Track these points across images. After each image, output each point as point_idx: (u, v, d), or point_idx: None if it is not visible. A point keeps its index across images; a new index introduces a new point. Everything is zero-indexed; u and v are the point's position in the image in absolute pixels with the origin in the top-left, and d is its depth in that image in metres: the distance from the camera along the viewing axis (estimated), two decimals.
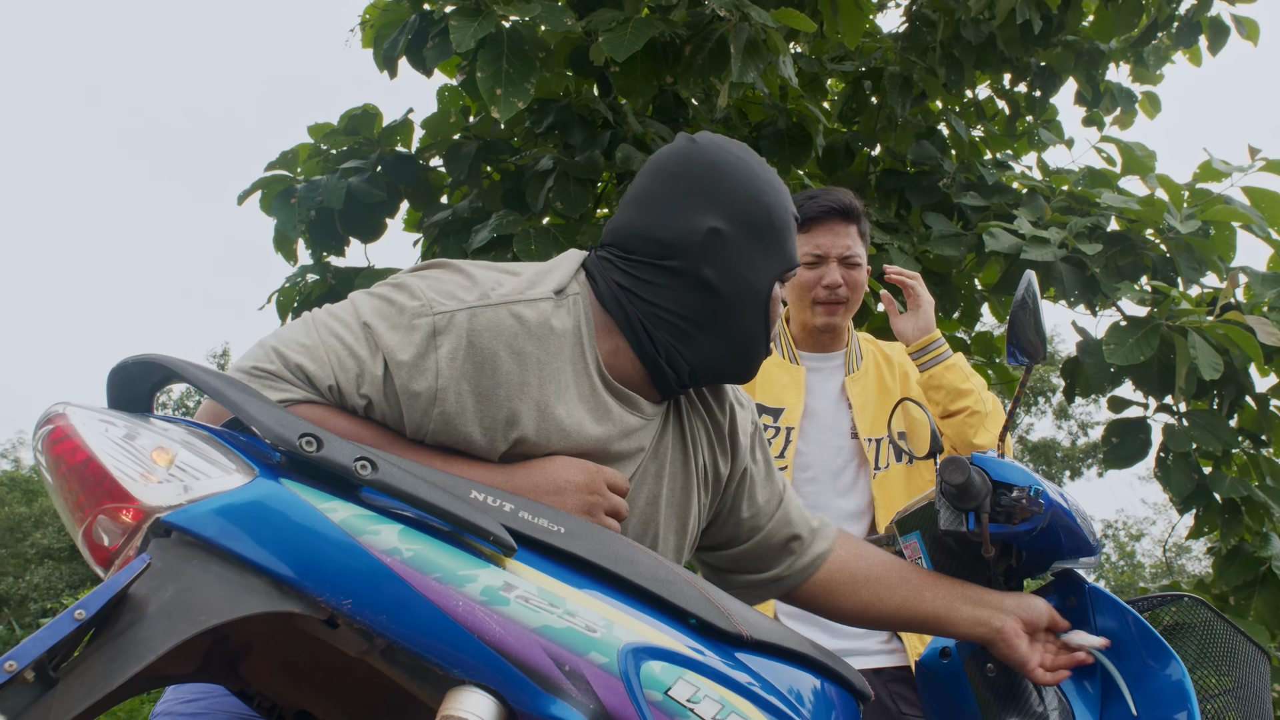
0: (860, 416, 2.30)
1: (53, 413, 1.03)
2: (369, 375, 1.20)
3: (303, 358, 1.20)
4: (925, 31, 5.02)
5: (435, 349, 1.20)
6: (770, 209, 1.37)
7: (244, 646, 1.16)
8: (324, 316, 1.25)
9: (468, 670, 1.01)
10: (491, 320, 1.23)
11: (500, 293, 1.26)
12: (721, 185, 1.34)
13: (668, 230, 1.33)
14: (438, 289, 1.25)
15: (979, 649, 1.54)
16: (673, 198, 1.34)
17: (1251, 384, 4.11)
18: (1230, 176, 4.18)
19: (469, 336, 1.22)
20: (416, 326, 1.21)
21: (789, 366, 2.36)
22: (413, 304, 1.23)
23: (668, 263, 1.32)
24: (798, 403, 2.30)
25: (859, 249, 2.34)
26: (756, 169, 1.38)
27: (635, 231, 1.35)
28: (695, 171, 1.35)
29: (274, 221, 4.39)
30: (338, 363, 1.20)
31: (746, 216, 1.34)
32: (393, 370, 1.20)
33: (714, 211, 1.33)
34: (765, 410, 2.32)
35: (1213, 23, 5.29)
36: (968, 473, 1.42)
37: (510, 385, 1.23)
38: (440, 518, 1.05)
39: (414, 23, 3.98)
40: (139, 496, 0.99)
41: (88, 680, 0.90)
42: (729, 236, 1.33)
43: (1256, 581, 4.09)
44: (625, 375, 1.34)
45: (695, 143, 1.38)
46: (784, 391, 2.32)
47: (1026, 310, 1.52)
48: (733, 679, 1.13)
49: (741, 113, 4.56)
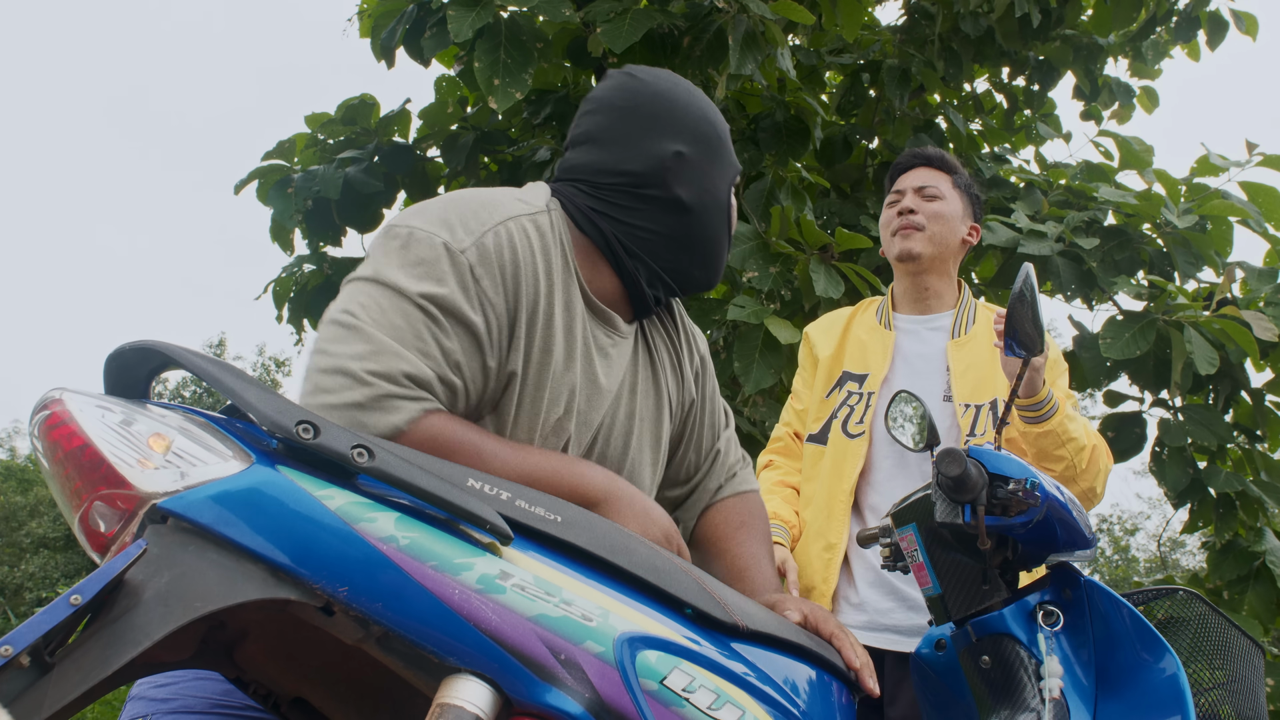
0: (960, 382, 2.21)
1: (49, 398, 1.03)
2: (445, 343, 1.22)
3: (399, 362, 1.19)
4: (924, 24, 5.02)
5: (476, 280, 1.25)
6: (714, 123, 1.48)
7: (240, 633, 1.16)
8: (362, 313, 1.22)
9: (463, 658, 1.01)
10: (508, 235, 1.29)
11: (504, 211, 1.32)
12: (674, 112, 1.44)
13: (635, 161, 1.42)
14: (445, 228, 1.27)
15: (974, 641, 1.54)
16: (632, 130, 1.43)
17: (1247, 379, 4.12)
18: (1228, 171, 4.19)
19: (495, 256, 1.27)
20: (457, 263, 1.24)
21: (881, 332, 2.33)
22: (431, 253, 1.25)
23: (643, 190, 1.42)
24: (882, 367, 2.26)
25: (941, 186, 2.31)
26: (694, 91, 1.49)
27: (601, 167, 1.43)
28: (646, 103, 1.44)
29: (271, 211, 4.38)
30: (421, 349, 1.21)
31: (700, 135, 1.45)
32: (461, 318, 1.23)
33: (674, 137, 1.43)
34: (851, 377, 2.29)
35: (1211, 17, 5.29)
36: (964, 465, 1.42)
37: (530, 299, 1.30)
38: (437, 505, 1.04)
39: (412, 12, 3.97)
40: (135, 483, 0.99)
41: (83, 665, 0.90)
42: (690, 157, 1.44)
43: (1250, 576, 4.11)
44: (604, 294, 1.43)
45: (634, 76, 1.48)
46: (870, 357, 2.29)
47: (1024, 304, 1.52)
48: (728, 669, 1.13)
49: (739, 104, 4.56)
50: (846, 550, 2.20)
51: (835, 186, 4.90)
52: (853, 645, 1.38)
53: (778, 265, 3.77)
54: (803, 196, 4.36)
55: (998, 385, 2.20)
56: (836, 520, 2.21)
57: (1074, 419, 2.11)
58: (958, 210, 2.32)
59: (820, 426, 2.30)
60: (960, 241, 2.34)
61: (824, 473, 2.26)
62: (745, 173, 4.27)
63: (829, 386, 2.33)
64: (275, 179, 4.36)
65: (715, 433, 1.63)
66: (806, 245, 3.83)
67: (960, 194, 2.34)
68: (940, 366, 2.26)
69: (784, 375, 3.68)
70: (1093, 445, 2.14)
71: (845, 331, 2.38)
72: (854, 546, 2.20)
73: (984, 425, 2.18)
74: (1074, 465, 2.11)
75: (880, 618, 2.15)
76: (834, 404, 2.30)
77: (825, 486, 2.25)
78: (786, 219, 3.84)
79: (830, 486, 2.24)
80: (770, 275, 3.74)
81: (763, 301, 3.85)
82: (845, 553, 2.20)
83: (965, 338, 2.27)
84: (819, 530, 2.23)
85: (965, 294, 2.37)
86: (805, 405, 2.38)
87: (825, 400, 2.32)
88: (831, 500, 2.23)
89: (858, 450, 2.22)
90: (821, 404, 2.32)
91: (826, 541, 2.21)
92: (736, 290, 4.19)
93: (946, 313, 2.33)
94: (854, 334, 2.36)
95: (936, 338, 2.30)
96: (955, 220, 2.31)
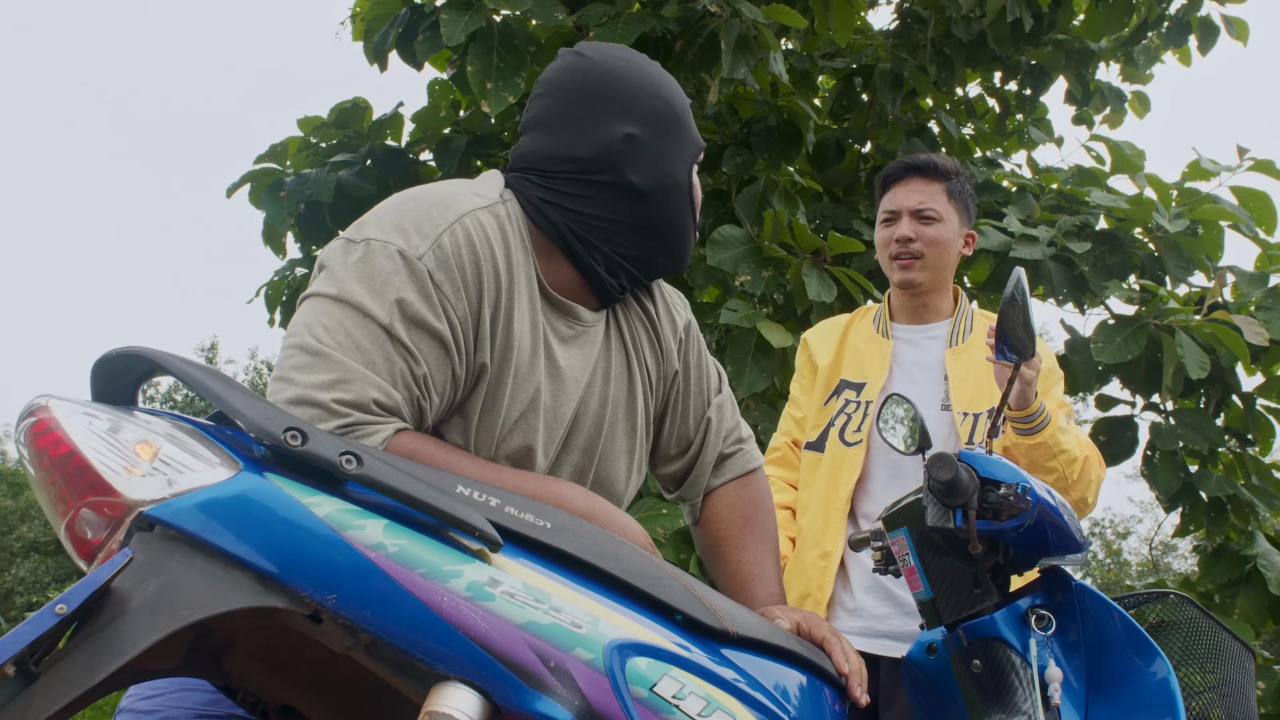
0: (958, 390, 2.21)
1: (35, 405, 1.02)
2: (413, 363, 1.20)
3: (368, 389, 1.17)
4: (916, 29, 5.03)
5: (437, 286, 1.22)
6: (669, 100, 1.41)
7: (228, 641, 1.16)
8: (326, 336, 1.19)
9: (452, 666, 1.01)
10: (465, 232, 1.26)
11: (458, 207, 1.29)
12: (623, 91, 1.38)
13: (584, 146, 1.36)
14: (400, 235, 1.25)
15: (966, 645, 1.54)
16: (580, 114, 1.37)
17: (1238, 383, 4.14)
18: (1219, 176, 4.20)
19: (453, 257, 1.24)
20: (415, 271, 1.22)
21: (878, 341, 2.31)
22: (389, 263, 1.22)
23: (593, 177, 1.36)
24: (880, 376, 2.25)
25: (936, 204, 2.26)
26: (646, 66, 1.42)
27: (551, 154, 1.37)
28: (595, 84, 1.38)
29: (263, 215, 4.37)
30: (389, 371, 1.19)
31: (653, 114, 1.39)
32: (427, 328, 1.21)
33: (624, 118, 1.37)
34: (849, 385, 2.27)
35: (1202, 23, 5.31)
36: (955, 469, 1.42)
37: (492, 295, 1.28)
38: (426, 512, 1.04)
39: (404, 16, 3.97)
40: (122, 490, 0.98)
41: (69, 675, 0.90)
42: (642, 138, 1.37)
43: (1241, 579, 4.12)
44: (564, 285, 1.38)
45: (584, 55, 1.41)
46: (869, 365, 2.28)
47: (1015, 308, 1.52)
48: (718, 675, 1.13)
49: (732, 109, 4.56)
50: (843, 558, 2.20)
51: (828, 190, 4.90)
52: (844, 650, 1.37)
53: (770, 269, 3.77)
54: (795, 200, 4.36)
55: (996, 393, 2.19)
56: (832, 528, 2.21)
57: (1066, 430, 2.12)
58: (954, 227, 2.30)
59: (818, 434, 2.30)
60: (957, 255, 2.33)
61: (820, 480, 2.26)
62: (738, 177, 4.27)
63: (827, 394, 2.32)
64: (267, 182, 4.35)
65: (705, 399, 1.58)
66: (799, 249, 3.83)
67: (955, 205, 2.30)
68: (938, 375, 2.26)
69: (777, 379, 3.68)
70: (1084, 457, 2.15)
71: (843, 339, 2.37)
72: (850, 553, 2.20)
73: (983, 433, 2.17)
74: (1065, 477, 2.12)
75: (876, 623, 2.15)
76: (831, 412, 2.29)
77: (821, 494, 2.25)
78: (779, 223, 3.85)
79: (826, 494, 2.23)
80: (763, 279, 3.74)
81: (755, 305, 3.85)
82: (841, 560, 2.20)
83: (963, 346, 2.27)
84: (815, 538, 2.23)
85: (962, 301, 2.36)
86: (805, 413, 2.37)
87: (823, 408, 2.31)
88: (828, 508, 2.22)
89: (855, 459, 2.22)
90: (819, 412, 2.32)
91: (822, 549, 2.21)
92: (729, 294, 4.19)
93: (944, 321, 2.33)
94: (851, 342, 2.36)
95: (934, 346, 2.30)
96: (952, 240, 2.29)
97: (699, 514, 1.61)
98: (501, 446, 1.30)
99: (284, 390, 1.17)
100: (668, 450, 1.57)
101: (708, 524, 1.60)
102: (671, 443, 1.57)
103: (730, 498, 1.59)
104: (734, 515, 1.58)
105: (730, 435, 1.61)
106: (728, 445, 1.61)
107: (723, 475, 1.60)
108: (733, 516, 1.58)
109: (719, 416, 1.59)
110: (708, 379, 1.59)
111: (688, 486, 1.60)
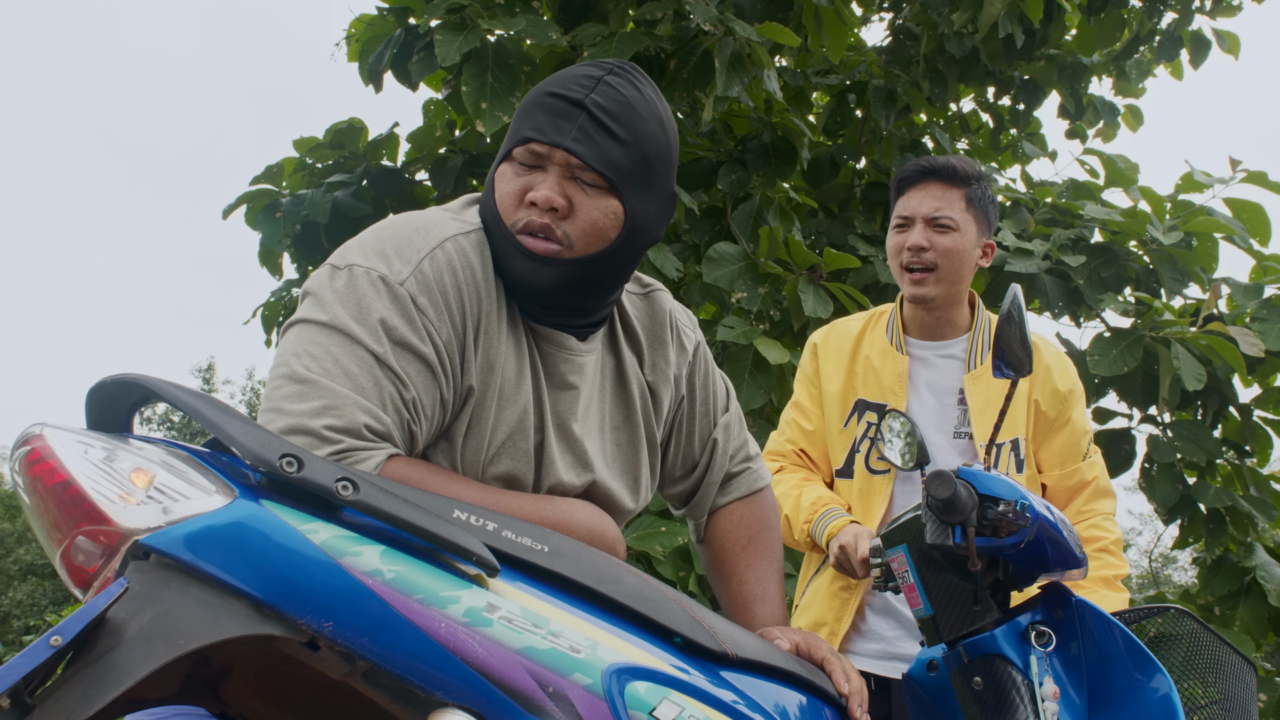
0: (979, 419, 2.08)
1: (30, 434, 1.02)
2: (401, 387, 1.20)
3: (359, 415, 1.17)
4: (909, 45, 5.06)
5: (421, 311, 1.22)
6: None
7: (225, 668, 1.15)
8: (314, 365, 1.19)
9: (450, 692, 1.00)
10: (446, 258, 1.26)
11: (439, 233, 1.28)
12: None
13: None
14: (383, 261, 1.24)
15: (966, 662, 1.54)
16: None
17: (1235, 394, 4.15)
18: (1212, 188, 4.22)
19: (435, 282, 1.24)
20: (398, 296, 1.21)
21: (894, 357, 2.17)
22: (373, 289, 1.21)
23: None
24: (900, 399, 2.13)
25: (953, 212, 2.11)
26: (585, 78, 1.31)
27: None
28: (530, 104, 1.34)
29: (259, 235, 4.38)
30: (379, 396, 1.19)
31: None
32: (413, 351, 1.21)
33: None
34: (869, 406, 2.15)
35: (1194, 37, 5.35)
36: (954, 486, 1.42)
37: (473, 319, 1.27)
38: (422, 538, 1.04)
39: (399, 37, 3.98)
40: (117, 519, 0.98)
41: (65, 706, 0.89)
42: None
43: (1241, 592, 4.12)
44: (542, 313, 1.36)
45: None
46: (886, 385, 2.15)
47: (1012, 324, 1.52)
48: (718, 698, 1.13)
49: (727, 126, 4.57)
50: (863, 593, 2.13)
51: (823, 206, 4.92)
52: (844, 671, 1.37)
53: (766, 285, 3.78)
54: (790, 217, 4.38)
55: (1019, 422, 2.11)
56: None
57: (1109, 516, 2.19)
58: (971, 237, 2.14)
59: (844, 460, 2.20)
60: (974, 267, 2.19)
61: (852, 509, 2.16)
62: (733, 194, 4.27)
63: (845, 415, 2.20)
64: (263, 203, 4.36)
65: (711, 420, 1.56)
66: (795, 265, 3.84)
67: (974, 213, 2.14)
68: (953, 399, 2.16)
69: (774, 396, 3.68)
70: (1118, 537, 2.19)
71: (854, 352, 2.23)
72: None
73: (1006, 464, 2.09)
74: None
75: (889, 645, 2.10)
76: (853, 435, 2.18)
77: None
78: (775, 239, 3.86)
79: None
80: (759, 296, 3.75)
81: (752, 322, 3.85)
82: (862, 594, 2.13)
83: (982, 369, 2.14)
84: None
85: (979, 315, 2.22)
86: (815, 427, 2.23)
87: (844, 431, 2.20)
88: None
89: (883, 489, 2.13)
90: (840, 435, 2.20)
91: (845, 581, 2.13)
92: (725, 311, 4.20)
93: (960, 338, 2.20)
94: (865, 355, 2.22)
95: (950, 366, 2.19)
96: (969, 250, 2.14)
97: (704, 532, 1.61)
98: (488, 470, 1.29)
99: (274, 420, 1.16)
100: (673, 472, 1.57)
101: (712, 542, 1.60)
102: (677, 465, 1.56)
103: (735, 516, 1.59)
104: (738, 534, 1.58)
105: (738, 454, 1.60)
106: (735, 464, 1.60)
107: (729, 494, 1.60)
108: (737, 535, 1.58)
109: (726, 436, 1.59)
110: (715, 399, 1.57)
111: (693, 506, 1.60)
